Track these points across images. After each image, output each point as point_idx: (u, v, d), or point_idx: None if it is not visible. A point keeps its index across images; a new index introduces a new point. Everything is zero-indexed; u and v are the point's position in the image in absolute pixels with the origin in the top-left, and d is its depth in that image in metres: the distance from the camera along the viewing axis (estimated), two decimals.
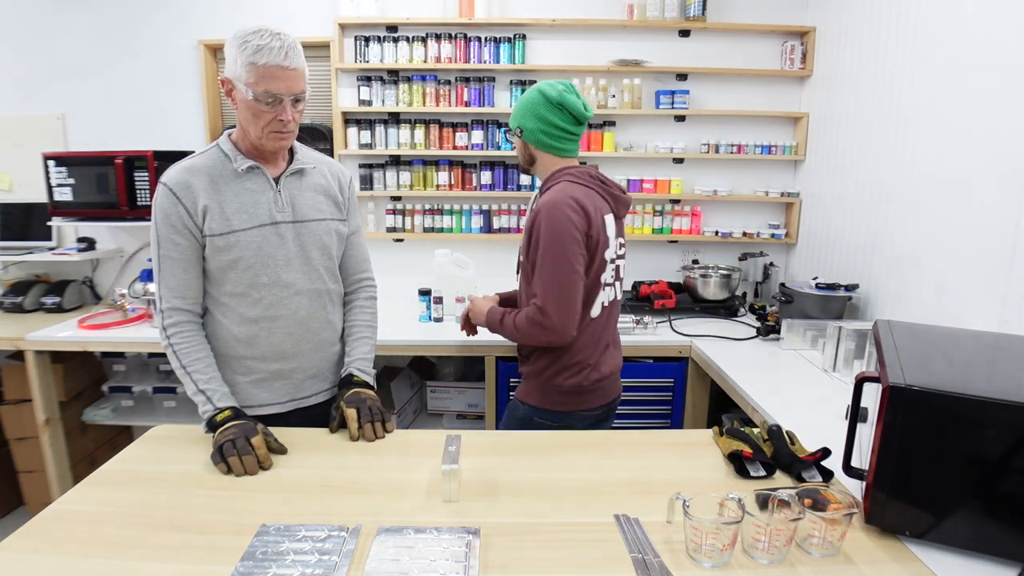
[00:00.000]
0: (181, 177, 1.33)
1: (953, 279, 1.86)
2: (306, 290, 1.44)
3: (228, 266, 1.36)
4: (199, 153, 1.40)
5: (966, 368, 1.11)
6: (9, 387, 2.59)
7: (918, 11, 2.04)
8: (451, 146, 2.82)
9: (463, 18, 2.73)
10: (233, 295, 1.39)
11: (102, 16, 2.82)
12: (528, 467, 1.24)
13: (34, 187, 2.82)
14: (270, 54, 1.24)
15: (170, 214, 1.32)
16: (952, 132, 1.88)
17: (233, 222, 1.35)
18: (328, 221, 1.48)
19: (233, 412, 1.30)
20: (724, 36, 2.82)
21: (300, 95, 1.32)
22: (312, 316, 1.46)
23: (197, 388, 1.33)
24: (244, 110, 1.31)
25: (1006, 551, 0.92)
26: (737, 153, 2.84)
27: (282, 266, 1.40)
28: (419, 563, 0.90)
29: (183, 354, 1.34)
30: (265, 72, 1.25)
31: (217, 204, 1.34)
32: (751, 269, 2.86)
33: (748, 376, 1.91)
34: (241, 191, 1.37)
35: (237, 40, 1.27)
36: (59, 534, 0.99)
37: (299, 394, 1.49)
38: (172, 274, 1.35)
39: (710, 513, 0.94)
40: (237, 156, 1.37)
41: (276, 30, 1.28)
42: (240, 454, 1.19)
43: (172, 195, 1.32)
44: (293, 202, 1.42)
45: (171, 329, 1.35)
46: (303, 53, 1.33)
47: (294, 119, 1.33)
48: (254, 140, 1.35)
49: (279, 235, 1.39)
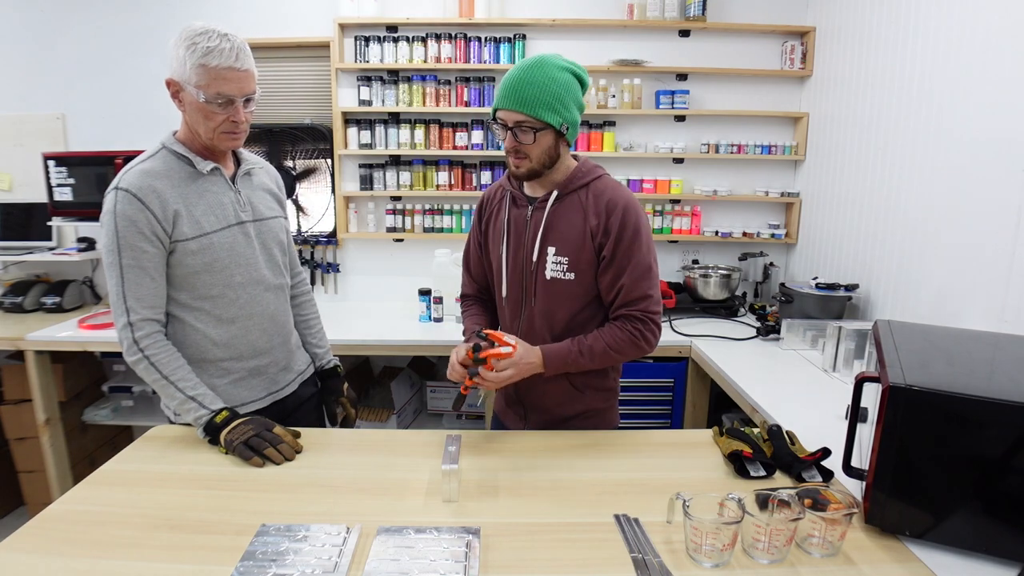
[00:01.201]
0: (144, 182, 1.27)
1: (953, 279, 1.86)
2: (273, 285, 1.47)
3: (202, 269, 1.33)
4: (148, 157, 1.34)
5: (966, 368, 1.11)
6: (9, 387, 2.59)
7: (918, 11, 2.04)
8: (451, 146, 2.82)
9: (463, 18, 2.73)
10: (207, 298, 1.36)
11: (102, 16, 2.82)
12: (528, 467, 1.24)
13: (34, 187, 2.82)
14: (221, 56, 1.23)
15: (137, 220, 1.25)
16: (952, 132, 1.88)
17: (203, 224, 1.33)
18: (279, 219, 1.52)
19: (230, 412, 1.30)
20: (724, 36, 2.82)
21: (252, 95, 1.31)
22: (279, 310, 1.50)
23: (185, 396, 1.29)
24: (194, 112, 1.29)
25: (1006, 551, 0.92)
26: (737, 153, 2.84)
27: (253, 264, 1.41)
28: (419, 563, 0.90)
29: (162, 364, 1.29)
30: (217, 74, 1.24)
31: (185, 208, 1.31)
32: (751, 269, 2.86)
33: (748, 376, 1.91)
34: (205, 193, 1.35)
35: (184, 42, 1.24)
36: (59, 534, 0.99)
37: (274, 387, 1.50)
38: (139, 284, 1.27)
39: (710, 513, 0.94)
40: (196, 158, 1.34)
41: (223, 31, 1.26)
42: (273, 444, 1.24)
43: (137, 201, 1.25)
44: (251, 201, 1.43)
45: (144, 341, 1.28)
46: (252, 54, 1.32)
47: (246, 119, 1.33)
48: (204, 141, 1.33)
49: (245, 234, 1.40)
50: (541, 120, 1.24)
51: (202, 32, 1.24)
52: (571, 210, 1.35)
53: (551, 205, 1.35)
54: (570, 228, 1.34)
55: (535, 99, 1.23)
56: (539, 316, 1.40)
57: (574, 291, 1.36)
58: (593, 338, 1.33)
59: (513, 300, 1.43)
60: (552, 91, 1.24)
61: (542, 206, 1.37)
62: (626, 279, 1.32)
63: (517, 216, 1.41)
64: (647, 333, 1.34)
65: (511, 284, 1.43)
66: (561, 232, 1.35)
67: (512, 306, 1.44)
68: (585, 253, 1.33)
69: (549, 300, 1.38)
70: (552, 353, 1.32)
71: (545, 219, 1.35)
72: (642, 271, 1.33)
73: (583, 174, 1.37)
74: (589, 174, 1.37)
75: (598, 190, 1.35)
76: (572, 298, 1.37)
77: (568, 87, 1.27)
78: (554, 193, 1.35)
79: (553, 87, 1.24)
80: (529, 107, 1.23)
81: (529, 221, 1.39)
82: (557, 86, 1.24)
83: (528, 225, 1.39)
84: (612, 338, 1.33)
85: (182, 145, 1.36)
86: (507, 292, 1.43)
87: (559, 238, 1.35)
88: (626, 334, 1.33)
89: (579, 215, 1.34)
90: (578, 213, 1.34)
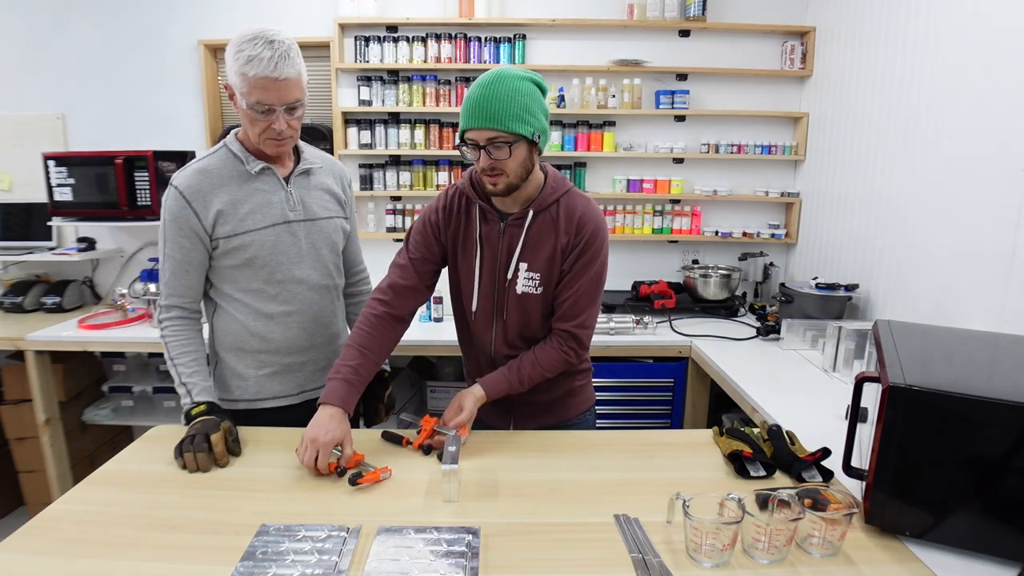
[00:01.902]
0: (193, 181, 1.35)
1: (953, 279, 1.86)
2: (318, 286, 1.48)
3: (244, 264, 1.40)
4: (209, 154, 1.42)
5: (966, 368, 1.11)
6: (9, 387, 2.59)
7: (918, 11, 2.04)
8: (451, 146, 2.82)
9: (463, 18, 2.73)
10: (248, 291, 1.43)
11: (102, 16, 2.82)
12: (528, 467, 1.24)
13: (34, 187, 2.82)
14: (259, 65, 1.24)
15: (179, 217, 1.35)
16: (952, 132, 1.87)
17: (247, 222, 1.38)
18: (335, 219, 1.52)
19: (208, 407, 1.31)
20: (724, 36, 2.82)
21: (295, 103, 1.31)
22: (323, 311, 1.51)
23: (180, 380, 1.36)
24: (243, 116, 1.34)
25: (1006, 551, 0.92)
26: (737, 153, 2.84)
27: (296, 263, 1.44)
28: (419, 563, 0.90)
29: (172, 347, 1.38)
30: (255, 83, 1.26)
31: (231, 206, 1.37)
32: (751, 269, 2.86)
33: (748, 376, 1.91)
34: (254, 192, 1.39)
35: (233, 47, 1.27)
36: (59, 534, 0.99)
37: (309, 386, 1.53)
38: (174, 274, 1.39)
39: (710, 513, 0.94)
40: (248, 158, 1.39)
41: (271, 36, 1.27)
42: (195, 451, 1.20)
43: (183, 199, 1.34)
44: (303, 201, 1.45)
45: (165, 323, 1.40)
46: (300, 58, 1.32)
47: (291, 126, 1.33)
48: (255, 144, 1.37)
49: (291, 233, 1.43)
50: (513, 132, 1.22)
51: (250, 38, 1.26)
52: (544, 227, 1.35)
53: (528, 223, 1.35)
54: (543, 245, 1.35)
55: (503, 113, 1.20)
56: (514, 327, 1.41)
57: (544, 304, 1.39)
58: (530, 364, 1.37)
59: (484, 314, 1.43)
60: (518, 102, 1.22)
61: (517, 223, 1.35)
62: (571, 293, 1.36)
63: (488, 231, 1.38)
64: (579, 350, 1.40)
65: (482, 298, 1.41)
66: (534, 249, 1.35)
67: (483, 320, 1.44)
68: (555, 269, 1.36)
69: (521, 313, 1.39)
70: (491, 386, 1.37)
71: (523, 238, 1.35)
72: (584, 290, 1.36)
73: (553, 189, 1.36)
74: (559, 188, 1.37)
75: (568, 207, 1.36)
76: (541, 309, 1.40)
77: (532, 96, 1.25)
78: (531, 212, 1.34)
79: (518, 98, 1.22)
80: (499, 122, 1.20)
81: (502, 236, 1.37)
82: (522, 96, 1.22)
83: (501, 240, 1.37)
84: (546, 360, 1.38)
85: (239, 144, 1.41)
86: (477, 305, 1.42)
87: (532, 255, 1.35)
88: (558, 353, 1.38)
89: (551, 232, 1.35)
90: (550, 230, 1.35)
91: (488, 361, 1.48)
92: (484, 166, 1.26)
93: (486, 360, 1.48)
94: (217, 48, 2.86)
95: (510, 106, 1.21)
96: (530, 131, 1.24)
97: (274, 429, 1.41)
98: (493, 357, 1.46)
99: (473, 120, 1.23)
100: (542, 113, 1.28)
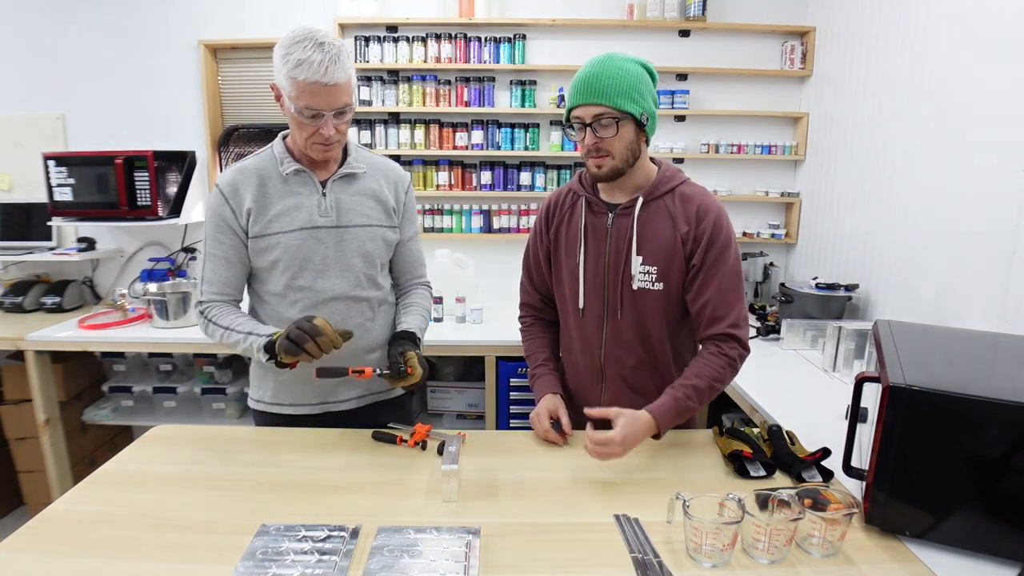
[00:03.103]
0: (231, 178, 1.35)
1: (953, 279, 1.86)
2: (343, 296, 1.41)
3: (269, 266, 1.38)
4: (256, 153, 1.41)
5: (966, 368, 1.11)
6: (9, 387, 2.59)
7: (918, 11, 2.04)
8: (451, 146, 2.82)
9: (463, 18, 2.73)
10: (273, 294, 1.41)
11: (102, 16, 2.81)
12: (528, 467, 1.24)
13: (34, 187, 2.82)
14: (309, 69, 1.20)
15: (218, 213, 1.35)
16: (952, 132, 1.88)
17: (274, 224, 1.35)
18: (374, 227, 1.43)
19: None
20: (724, 36, 2.82)
21: (344, 108, 1.28)
22: (347, 322, 1.40)
23: (243, 333, 1.31)
24: (289, 119, 1.30)
25: (1006, 551, 0.92)
26: (737, 153, 2.84)
27: (320, 271, 1.38)
28: (419, 563, 0.90)
29: (219, 317, 1.35)
30: (303, 88, 1.22)
31: (262, 206, 1.35)
32: (751, 269, 2.86)
33: (748, 376, 1.89)
34: (287, 194, 1.36)
35: (281, 49, 1.23)
36: (59, 534, 0.99)
37: (331, 398, 1.47)
38: (214, 270, 1.38)
39: (710, 513, 0.94)
40: (285, 159, 1.37)
41: (321, 38, 1.23)
42: (313, 336, 1.19)
43: (221, 196, 1.35)
44: (338, 207, 1.39)
45: (205, 307, 1.37)
46: (350, 60, 1.28)
47: (339, 130, 1.29)
48: (301, 148, 1.35)
49: (318, 239, 1.37)
50: (621, 110, 1.19)
51: (298, 40, 1.22)
52: (658, 217, 1.28)
53: (639, 211, 1.29)
54: (658, 236, 1.28)
55: (612, 89, 1.18)
56: (629, 330, 1.33)
57: (664, 303, 1.30)
58: (695, 377, 1.24)
59: (593, 313, 1.36)
60: (627, 81, 1.20)
61: (626, 212, 1.30)
62: (712, 292, 1.26)
63: (595, 223, 1.33)
64: (742, 350, 1.29)
65: (589, 296, 1.35)
66: (648, 240, 1.28)
67: (592, 320, 1.36)
68: (676, 262, 1.28)
69: (638, 313, 1.31)
70: (661, 412, 1.20)
71: (634, 227, 1.29)
72: (729, 284, 1.27)
73: (667, 179, 1.31)
74: (674, 179, 1.31)
75: (685, 195, 1.29)
76: (663, 311, 1.31)
77: (641, 78, 1.22)
78: (640, 199, 1.28)
79: (628, 78, 1.20)
80: (607, 97, 1.18)
81: (611, 229, 1.31)
82: (631, 76, 1.20)
83: (610, 233, 1.31)
84: (713, 371, 1.25)
85: (283, 145, 1.40)
86: (584, 304, 1.35)
87: (647, 246, 1.28)
88: (722, 359, 1.26)
89: (667, 222, 1.28)
90: (666, 220, 1.28)
91: (596, 368, 1.39)
92: (589, 145, 1.23)
93: (593, 367, 1.40)
94: (217, 48, 2.86)
95: (619, 84, 1.19)
96: (638, 110, 1.21)
97: (279, 429, 1.41)
98: (603, 364, 1.38)
99: (580, 96, 1.21)
100: (652, 98, 1.25)
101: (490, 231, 2.92)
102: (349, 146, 1.44)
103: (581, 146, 1.25)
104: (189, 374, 2.77)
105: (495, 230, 2.92)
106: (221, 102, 2.95)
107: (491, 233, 2.92)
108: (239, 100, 2.92)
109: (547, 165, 2.87)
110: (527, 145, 2.84)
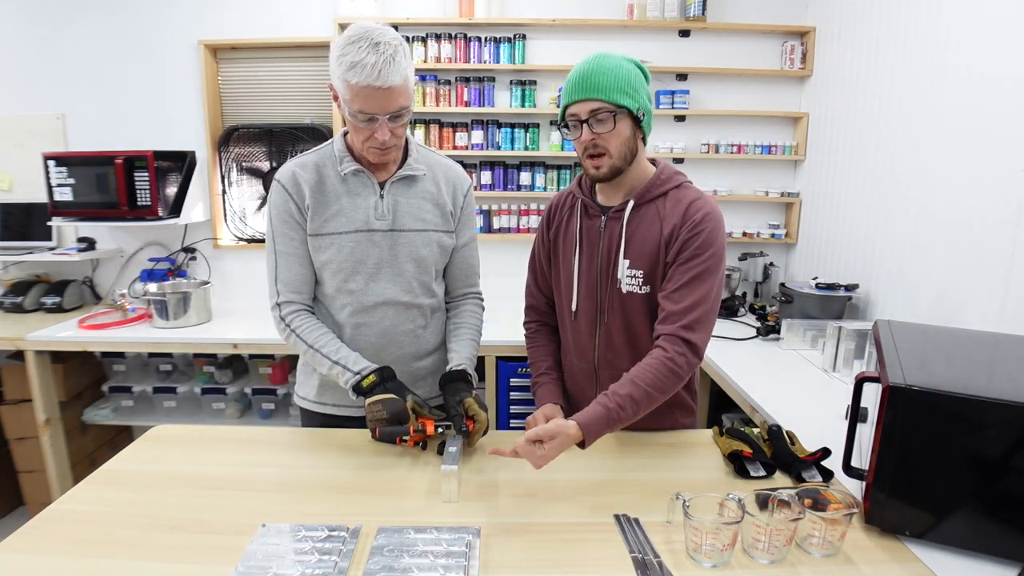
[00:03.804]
0: (291, 171, 1.33)
1: (953, 279, 1.86)
2: (394, 302, 1.38)
3: (322, 267, 1.35)
4: (316, 148, 1.38)
5: (966, 368, 1.11)
6: (9, 387, 2.59)
7: (918, 11, 2.04)
8: (451, 146, 2.82)
9: (463, 18, 2.73)
10: (326, 295, 1.39)
11: (102, 16, 2.81)
12: (528, 467, 1.23)
13: (34, 187, 2.82)
14: (362, 73, 1.16)
15: (282, 209, 1.32)
16: (952, 132, 1.87)
17: (330, 224, 1.33)
18: (429, 232, 1.39)
19: (377, 376, 1.28)
20: (724, 36, 2.82)
21: (400, 111, 1.23)
22: (397, 328, 1.39)
23: (331, 361, 1.30)
24: (347, 121, 1.28)
25: (1006, 551, 0.92)
26: (737, 153, 2.84)
27: (372, 275, 1.35)
28: (419, 563, 0.90)
29: (306, 334, 1.33)
30: (357, 91, 1.18)
31: (319, 204, 1.32)
32: (751, 269, 2.86)
33: (748, 376, 1.91)
34: (345, 194, 1.33)
35: (336, 49, 1.19)
36: (59, 534, 0.99)
37: None
38: (288, 268, 1.34)
39: (710, 513, 0.94)
40: (345, 158, 1.34)
41: (377, 38, 1.17)
42: (400, 435, 1.25)
43: (283, 190, 1.32)
44: (395, 209, 1.36)
45: (289, 317, 1.34)
46: (407, 60, 1.22)
47: (395, 134, 1.25)
48: (359, 150, 1.32)
49: (372, 242, 1.34)
50: (617, 104, 1.18)
51: (353, 40, 1.18)
52: (647, 220, 1.27)
53: (628, 215, 1.28)
54: (646, 239, 1.27)
55: (607, 84, 1.18)
56: (618, 333, 1.33)
57: (651, 306, 1.28)
58: (632, 385, 1.16)
59: (586, 316, 1.35)
60: (621, 76, 1.19)
61: (617, 216, 1.29)
62: (673, 287, 1.22)
63: (590, 227, 1.33)
64: (691, 359, 1.19)
65: (583, 298, 1.35)
66: (636, 243, 1.28)
67: (586, 322, 1.36)
68: (660, 265, 1.26)
69: (626, 315, 1.31)
70: (588, 421, 1.12)
71: (623, 230, 1.28)
72: (695, 284, 1.20)
73: (662, 181, 1.29)
74: (670, 181, 1.29)
75: (679, 198, 1.27)
76: (650, 314, 1.29)
77: (635, 74, 1.22)
78: (630, 203, 1.27)
79: (621, 73, 1.20)
80: (603, 92, 1.18)
81: (603, 232, 1.31)
82: (625, 72, 1.20)
83: (602, 236, 1.31)
84: (654, 377, 1.16)
85: (343, 143, 1.36)
86: (577, 306, 1.35)
87: (634, 250, 1.28)
88: (666, 366, 1.17)
89: (656, 224, 1.26)
90: (655, 222, 1.26)
91: (591, 371, 1.39)
92: (586, 141, 1.22)
93: (588, 370, 1.40)
94: (217, 48, 2.85)
95: (614, 79, 1.19)
96: (634, 105, 1.21)
97: (288, 429, 1.41)
98: (596, 367, 1.38)
99: (576, 93, 1.21)
100: (646, 94, 1.24)
101: (490, 231, 2.92)
102: (411, 145, 1.40)
103: (578, 145, 1.24)
104: (189, 374, 2.78)
105: (495, 230, 2.92)
106: (221, 102, 2.95)
107: (491, 233, 2.91)
108: (239, 100, 2.92)
109: (547, 165, 2.87)
110: (527, 145, 2.84)
